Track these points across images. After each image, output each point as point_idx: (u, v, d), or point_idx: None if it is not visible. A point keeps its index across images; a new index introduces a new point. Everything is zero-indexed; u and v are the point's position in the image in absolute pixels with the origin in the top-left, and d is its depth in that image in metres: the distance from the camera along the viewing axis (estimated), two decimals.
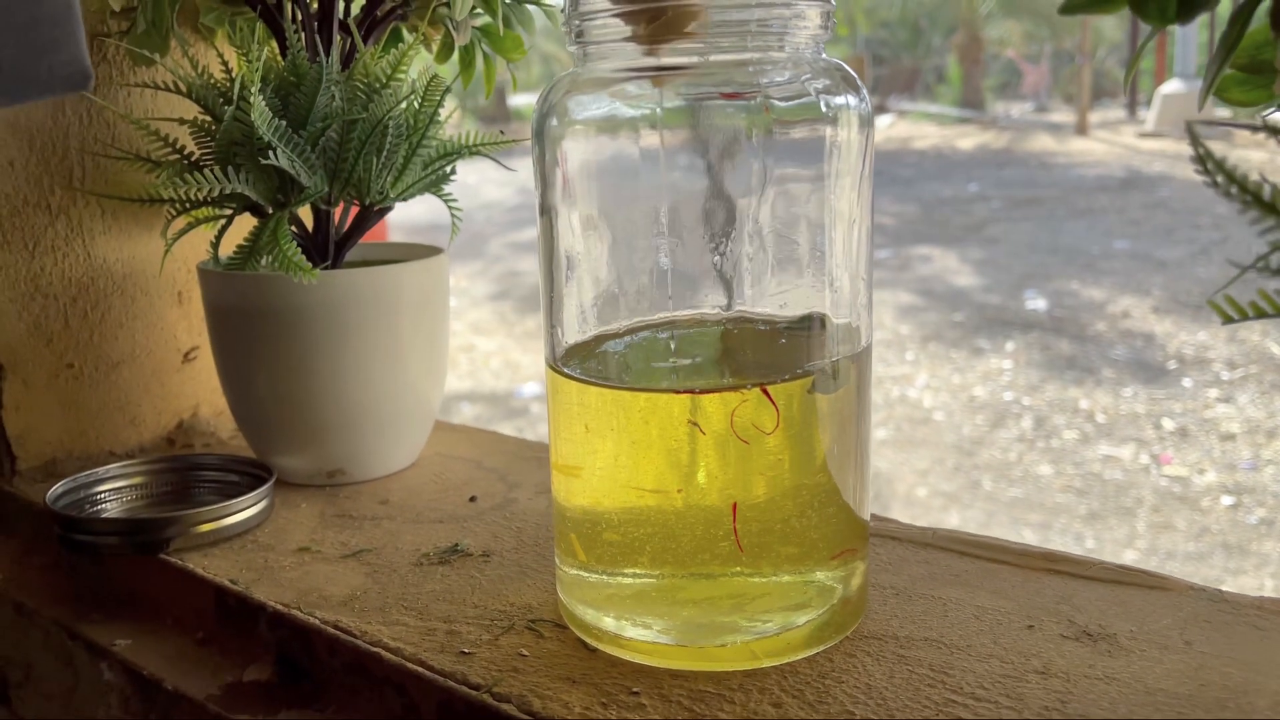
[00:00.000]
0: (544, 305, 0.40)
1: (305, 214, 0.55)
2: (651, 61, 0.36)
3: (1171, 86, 8.45)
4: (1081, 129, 9.15)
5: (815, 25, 0.36)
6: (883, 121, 10.84)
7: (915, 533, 0.47)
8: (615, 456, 0.37)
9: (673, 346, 0.39)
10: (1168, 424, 2.85)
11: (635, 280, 0.39)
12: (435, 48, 0.59)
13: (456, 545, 0.48)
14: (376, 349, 0.53)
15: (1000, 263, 4.67)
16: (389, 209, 0.55)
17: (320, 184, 0.51)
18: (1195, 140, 0.30)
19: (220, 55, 0.55)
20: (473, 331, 4.02)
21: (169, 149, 0.53)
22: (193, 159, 0.53)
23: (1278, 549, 2.15)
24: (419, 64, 0.55)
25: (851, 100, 0.36)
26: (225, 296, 0.53)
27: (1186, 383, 3.13)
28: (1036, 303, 4.04)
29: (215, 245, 0.55)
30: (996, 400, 3.11)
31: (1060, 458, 2.69)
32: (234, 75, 0.54)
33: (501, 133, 0.56)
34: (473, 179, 7.46)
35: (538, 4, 0.56)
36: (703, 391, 0.35)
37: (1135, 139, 8.42)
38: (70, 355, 0.58)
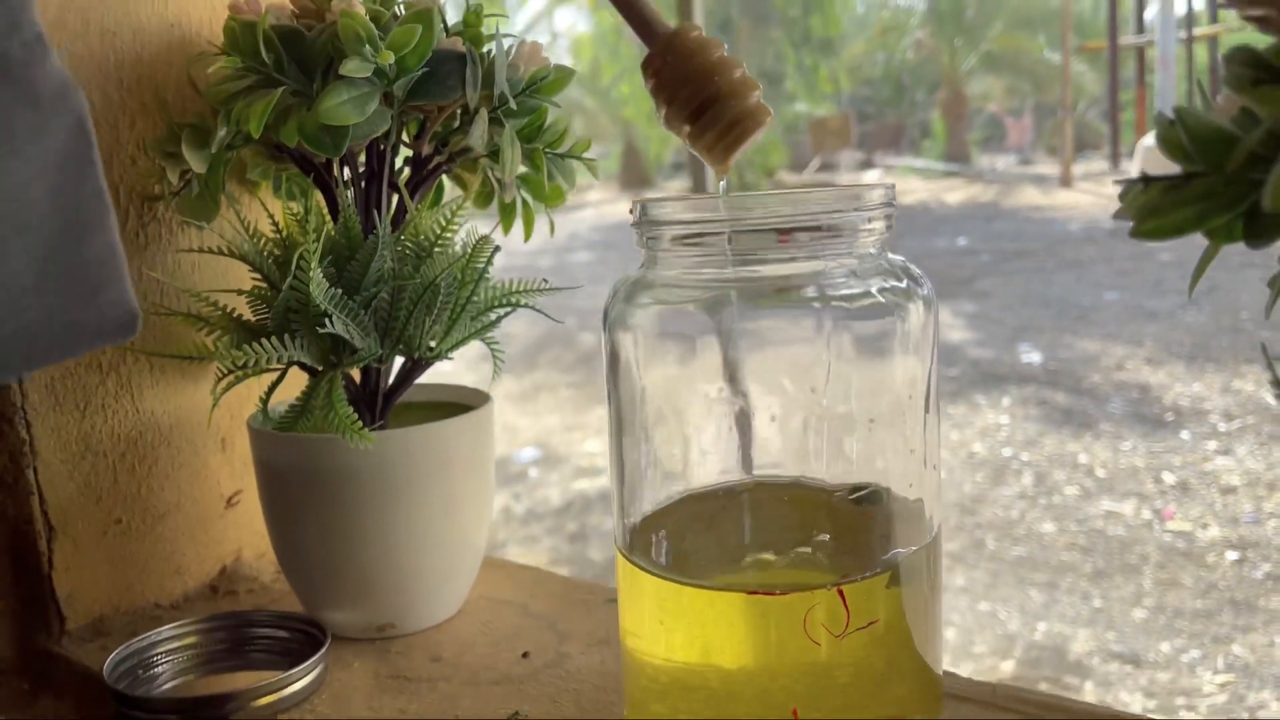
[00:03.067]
0: (614, 488, 0.41)
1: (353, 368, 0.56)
2: (717, 274, 0.37)
3: (1153, 139, 8.58)
4: (1065, 181, 9.28)
5: (880, 230, 0.37)
6: (869, 177, 10.99)
7: (977, 690, 0.47)
8: (686, 648, 0.38)
9: (745, 538, 0.39)
10: (1168, 477, 2.85)
11: (704, 464, 0.40)
12: (472, 193, 0.60)
13: (517, 713, 0.48)
14: (429, 504, 0.54)
15: (993, 316, 4.70)
16: (436, 360, 0.56)
17: (374, 346, 0.52)
18: (1270, 364, 0.31)
19: (266, 209, 0.56)
20: None
21: (225, 316, 0.53)
22: (247, 325, 0.54)
23: None
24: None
25: (915, 291, 0.37)
26: (278, 456, 0.54)
27: (1184, 435, 3.14)
28: (1031, 356, 4.07)
29: (265, 402, 0.55)
30: (995, 456, 3.11)
31: (1062, 514, 2.69)
32: (283, 233, 0.55)
33: (545, 281, 0.58)
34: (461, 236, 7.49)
35: (580, 159, 0.58)
36: (782, 593, 0.36)
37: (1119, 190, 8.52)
38: (119, 511, 0.58)
